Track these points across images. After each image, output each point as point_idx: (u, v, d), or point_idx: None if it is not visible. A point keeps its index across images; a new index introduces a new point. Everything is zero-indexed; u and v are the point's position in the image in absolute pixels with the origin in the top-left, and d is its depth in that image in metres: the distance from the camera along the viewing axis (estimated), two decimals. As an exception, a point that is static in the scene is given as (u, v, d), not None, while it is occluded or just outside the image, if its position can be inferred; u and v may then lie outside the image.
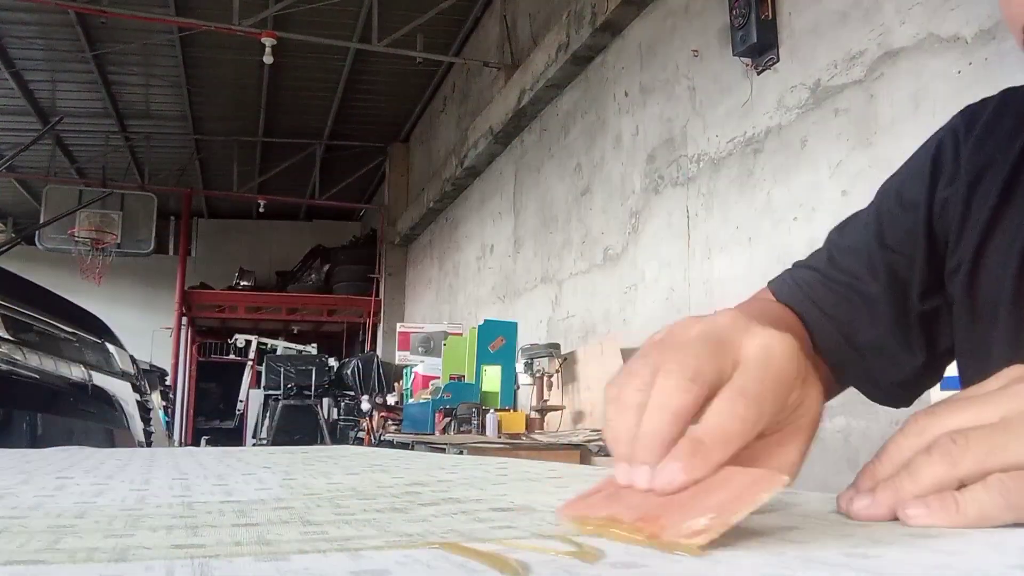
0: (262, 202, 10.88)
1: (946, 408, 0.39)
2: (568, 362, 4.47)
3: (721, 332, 0.40)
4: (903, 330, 0.67)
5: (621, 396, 0.38)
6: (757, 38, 3.16)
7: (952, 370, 1.81)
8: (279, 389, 9.17)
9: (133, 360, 3.43)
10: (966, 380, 0.68)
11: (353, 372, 9.33)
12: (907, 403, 0.72)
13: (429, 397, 5.22)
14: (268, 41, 5.93)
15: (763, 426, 0.38)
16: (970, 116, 0.67)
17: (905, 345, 0.68)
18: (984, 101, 0.68)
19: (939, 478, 0.35)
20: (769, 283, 0.75)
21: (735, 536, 0.27)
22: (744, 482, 0.31)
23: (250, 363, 10.91)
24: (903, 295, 0.67)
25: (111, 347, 3.14)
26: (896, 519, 0.33)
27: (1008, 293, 0.60)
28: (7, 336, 2.38)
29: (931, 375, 0.71)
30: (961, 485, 0.35)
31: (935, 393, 1.84)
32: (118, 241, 9.99)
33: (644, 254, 4.14)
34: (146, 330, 11.22)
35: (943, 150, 0.67)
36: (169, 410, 9.48)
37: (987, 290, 0.62)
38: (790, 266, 0.75)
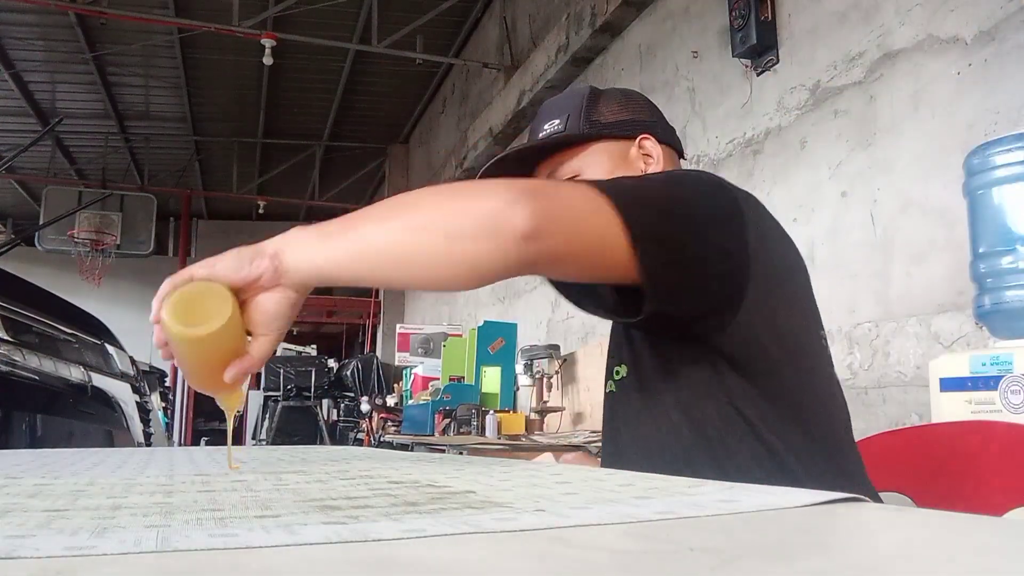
0: (262, 203, 10.88)
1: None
2: (568, 363, 4.47)
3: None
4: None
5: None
6: (757, 39, 3.16)
7: (952, 371, 1.79)
8: (279, 390, 9.17)
9: (133, 361, 3.43)
10: None
11: (353, 373, 9.33)
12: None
13: (429, 398, 5.21)
14: (268, 42, 5.93)
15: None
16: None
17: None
18: None
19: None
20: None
21: (720, 529, 0.27)
22: None
23: (250, 364, 10.88)
24: None
25: (111, 348, 3.14)
26: None
27: None
28: (7, 337, 2.38)
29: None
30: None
31: (934, 395, 1.82)
32: (117, 242, 9.99)
33: (644, 255, 4.13)
34: (146, 331, 11.18)
35: None
36: (169, 411, 9.47)
37: None
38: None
